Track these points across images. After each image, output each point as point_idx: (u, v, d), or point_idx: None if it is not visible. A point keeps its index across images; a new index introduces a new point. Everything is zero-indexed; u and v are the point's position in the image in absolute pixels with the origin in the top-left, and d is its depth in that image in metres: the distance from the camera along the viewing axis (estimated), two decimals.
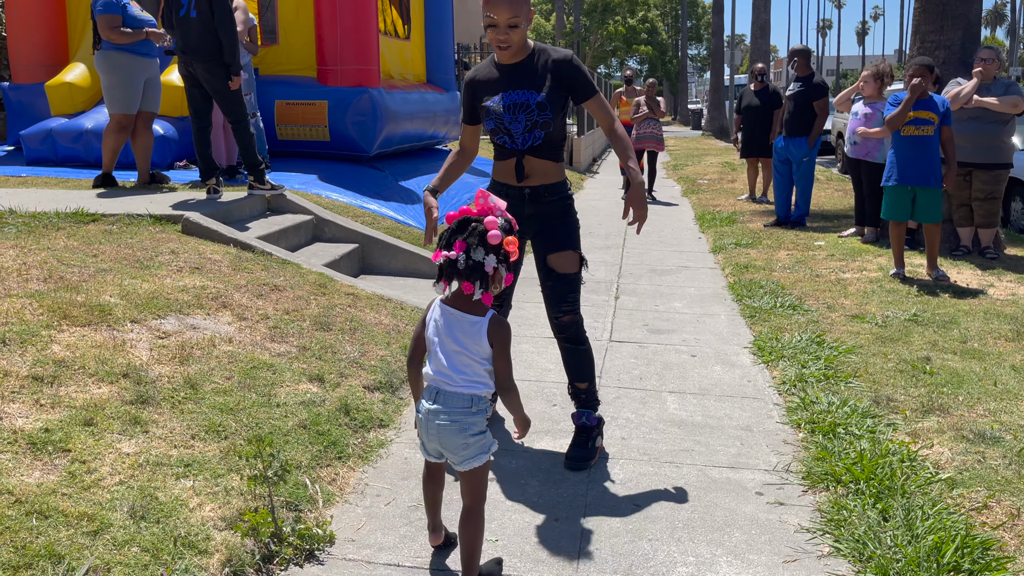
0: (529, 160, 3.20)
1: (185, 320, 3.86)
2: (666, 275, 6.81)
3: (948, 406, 3.70)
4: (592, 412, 3.36)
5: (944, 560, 2.47)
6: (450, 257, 2.29)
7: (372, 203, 7.29)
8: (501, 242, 2.29)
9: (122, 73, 6.40)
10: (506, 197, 3.26)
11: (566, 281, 3.25)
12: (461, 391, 2.34)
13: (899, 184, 6.13)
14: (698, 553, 2.63)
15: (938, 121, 6.03)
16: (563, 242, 3.24)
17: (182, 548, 2.37)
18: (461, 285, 2.31)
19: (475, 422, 2.34)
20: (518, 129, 3.15)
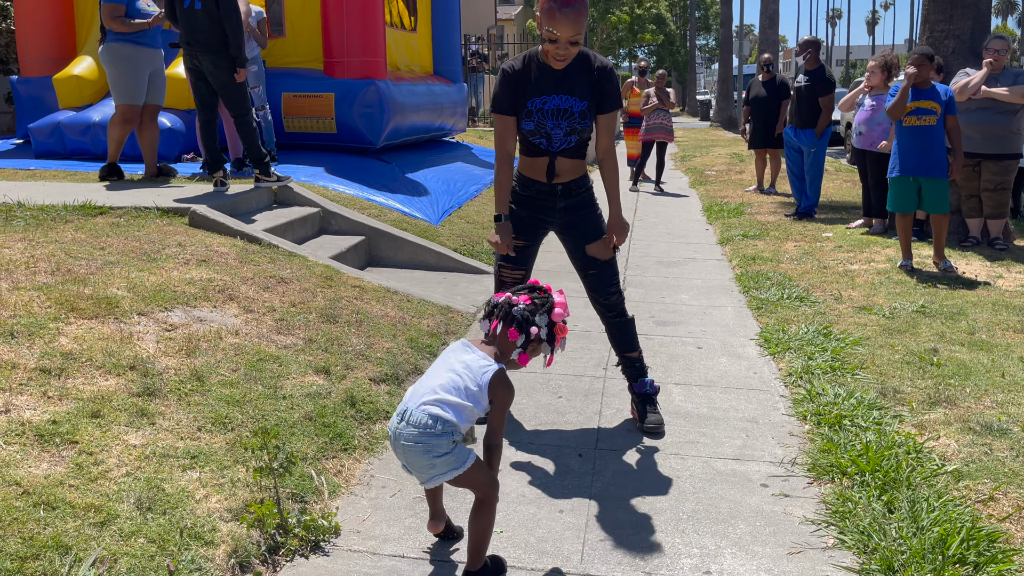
0: (561, 161, 3.31)
1: (192, 312, 3.88)
2: (673, 267, 6.80)
3: (955, 398, 3.68)
4: (651, 380, 3.57)
5: (949, 552, 2.47)
6: (512, 302, 2.46)
7: (379, 195, 7.29)
8: (557, 325, 2.49)
9: (127, 64, 6.41)
10: (536, 192, 3.36)
11: (608, 266, 3.45)
12: (428, 409, 2.29)
13: (902, 175, 6.08)
14: (703, 545, 2.63)
15: (941, 110, 5.97)
16: (597, 231, 3.41)
17: (188, 539, 2.39)
18: (507, 331, 2.45)
19: (440, 444, 2.28)
20: (559, 135, 3.24)
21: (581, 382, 4.10)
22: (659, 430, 3.47)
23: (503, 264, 3.44)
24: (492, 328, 2.49)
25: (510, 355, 2.47)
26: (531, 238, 3.42)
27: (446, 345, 4.55)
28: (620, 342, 3.54)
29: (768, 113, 10.59)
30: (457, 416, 2.32)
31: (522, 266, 3.44)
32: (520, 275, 3.44)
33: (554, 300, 2.52)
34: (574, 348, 4.63)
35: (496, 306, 2.51)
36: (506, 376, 2.42)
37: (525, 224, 3.41)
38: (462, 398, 2.33)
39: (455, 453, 2.31)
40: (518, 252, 3.42)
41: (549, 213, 3.40)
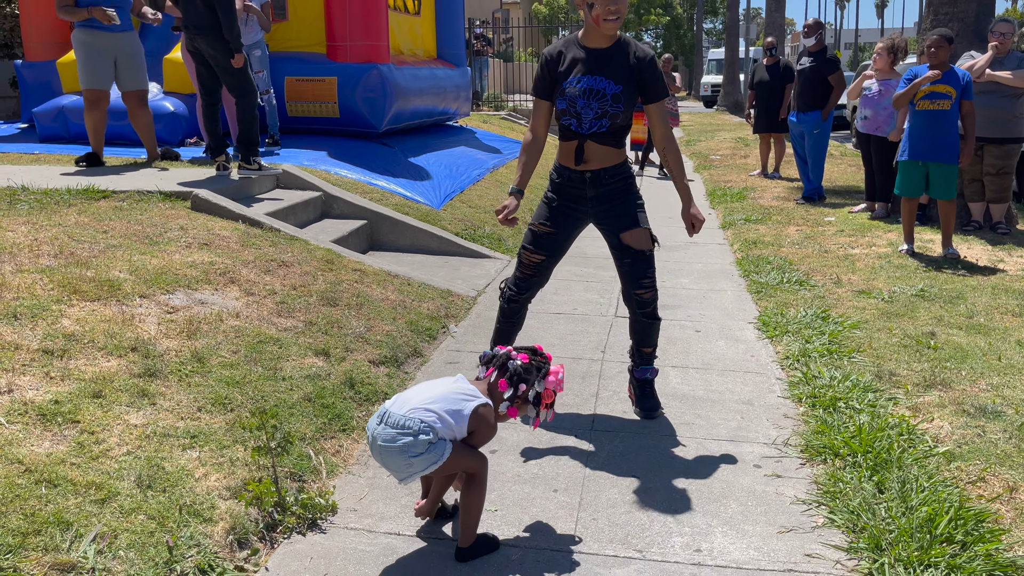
0: (590, 145, 3.26)
1: (193, 295, 3.91)
2: (674, 251, 6.81)
3: (951, 380, 3.70)
4: (653, 368, 3.58)
5: (937, 531, 2.50)
6: (511, 356, 2.56)
7: (381, 180, 7.31)
8: (546, 390, 2.57)
9: (84, 50, 6.36)
10: (568, 180, 3.34)
11: (643, 258, 3.35)
12: (410, 415, 2.34)
13: (911, 159, 6.07)
14: (694, 524, 2.67)
15: (956, 95, 5.93)
16: (634, 220, 3.33)
17: (187, 516, 2.44)
18: (499, 380, 2.53)
19: (416, 444, 2.31)
20: (588, 115, 3.20)
21: (579, 365, 4.13)
22: (652, 414, 3.50)
23: (525, 245, 3.43)
24: (487, 375, 2.58)
25: (498, 406, 2.53)
26: (559, 226, 3.37)
27: (445, 329, 4.59)
28: (640, 337, 3.51)
29: (772, 97, 10.55)
30: (439, 422, 2.35)
31: (543, 251, 3.39)
32: (539, 259, 3.40)
33: (550, 368, 2.59)
34: (572, 331, 4.66)
35: (496, 356, 2.59)
36: (491, 413, 2.47)
37: (555, 212, 3.38)
38: (446, 414, 2.37)
39: (431, 451, 2.33)
40: (542, 237, 3.39)
41: (581, 202, 3.34)
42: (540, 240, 3.39)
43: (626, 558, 2.47)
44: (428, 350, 4.29)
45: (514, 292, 3.50)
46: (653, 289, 3.39)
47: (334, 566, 2.41)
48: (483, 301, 5.21)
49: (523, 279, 3.47)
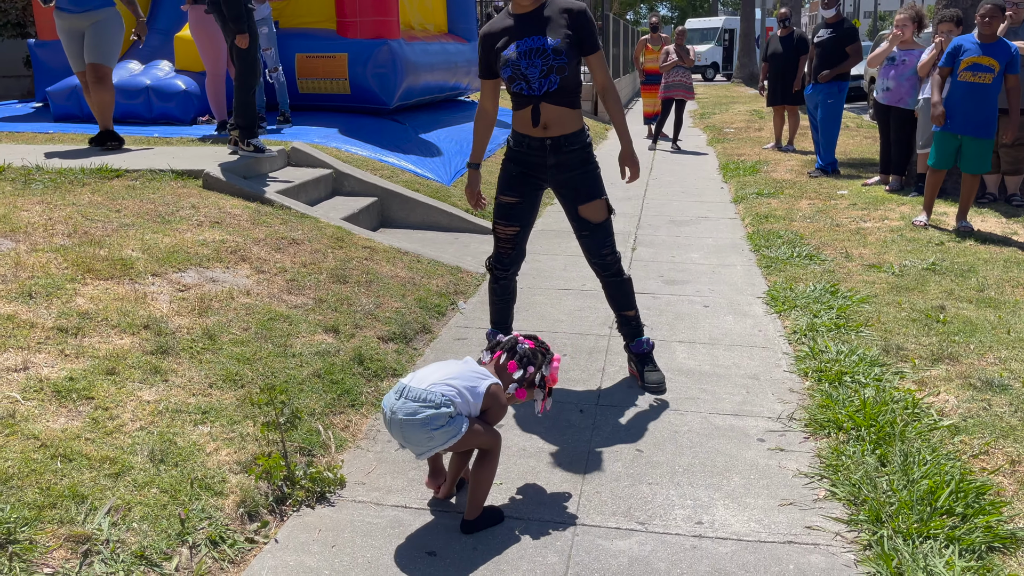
0: (545, 107, 3.26)
1: (204, 273, 3.97)
2: (685, 226, 6.80)
3: (958, 354, 3.70)
4: (647, 339, 3.62)
5: (937, 504, 2.52)
6: (519, 340, 2.63)
7: (391, 156, 7.33)
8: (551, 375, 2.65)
9: (59, 34, 6.29)
10: (528, 148, 3.36)
11: (601, 229, 3.43)
12: (431, 388, 2.38)
13: (948, 131, 5.96)
14: (696, 497, 2.70)
15: (1000, 68, 5.80)
16: (591, 192, 3.37)
17: (199, 490, 2.50)
18: (508, 363, 2.60)
19: (438, 416, 2.35)
20: (534, 74, 3.21)
21: (586, 340, 4.16)
22: (660, 387, 3.52)
23: (497, 220, 3.48)
24: (495, 358, 2.63)
25: (507, 387, 2.59)
26: (522, 195, 3.42)
27: (454, 305, 4.62)
28: (616, 300, 3.57)
29: (786, 69, 10.43)
30: (459, 397, 2.40)
31: (514, 222, 3.44)
32: (513, 231, 3.45)
33: (554, 355, 2.69)
34: (580, 307, 4.68)
35: (501, 342, 2.65)
36: (503, 393, 2.54)
37: (516, 181, 3.41)
38: (464, 390, 2.43)
39: (451, 424, 2.38)
40: (510, 208, 3.43)
41: (541, 170, 3.38)
42: (508, 212, 3.44)
43: (628, 530, 2.51)
44: (437, 327, 4.33)
45: (500, 269, 3.54)
46: (613, 254, 3.48)
47: (342, 538, 2.47)
48: None
49: (504, 254, 3.52)
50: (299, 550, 2.40)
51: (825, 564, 2.34)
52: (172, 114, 7.81)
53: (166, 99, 7.78)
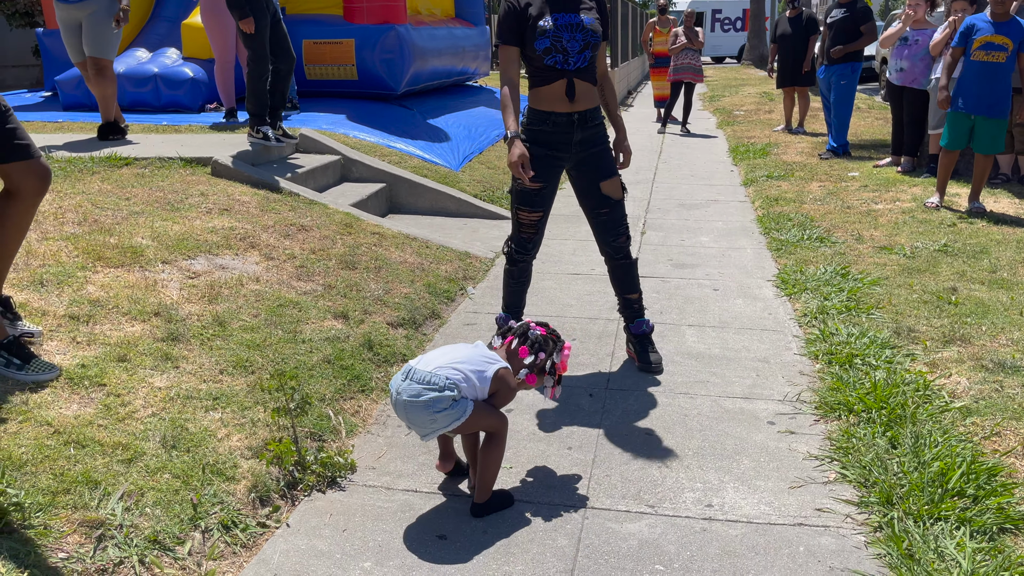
0: (578, 82, 3.28)
1: (214, 260, 3.98)
2: (695, 209, 6.77)
3: (970, 336, 3.68)
4: (647, 321, 3.64)
5: (948, 485, 2.51)
6: (530, 326, 2.64)
7: (400, 142, 7.31)
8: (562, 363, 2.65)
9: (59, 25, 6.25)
10: (553, 126, 3.32)
11: (621, 206, 3.45)
12: (436, 371, 2.39)
13: (961, 111, 5.91)
14: (706, 480, 2.70)
15: (1013, 47, 5.72)
16: (610, 169, 3.41)
17: (211, 475, 2.51)
18: (520, 348, 2.60)
19: (441, 399, 2.36)
20: (575, 48, 3.22)
21: (595, 325, 4.15)
22: (658, 368, 3.54)
23: (520, 207, 3.43)
24: (506, 343, 2.63)
25: (518, 372, 2.59)
26: (546, 179, 3.39)
27: (463, 291, 4.62)
28: (622, 283, 3.57)
29: (795, 50, 10.33)
30: (464, 381, 2.41)
31: (539, 208, 3.43)
32: (537, 217, 3.44)
33: (565, 343, 2.70)
34: (590, 292, 4.67)
35: (513, 328, 2.66)
36: (511, 377, 2.54)
37: (540, 164, 3.36)
38: (471, 374, 2.43)
39: (454, 408, 2.39)
40: (535, 195, 3.40)
41: (564, 148, 3.34)
42: (533, 198, 3.41)
43: (638, 513, 2.52)
44: (446, 312, 4.34)
45: (521, 253, 3.53)
46: (628, 236, 3.50)
47: (353, 521, 2.48)
48: (501, 263, 5.23)
49: (527, 239, 3.51)
50: (310, 534, 2.42)
51: (835, 546, 2.33)
52: (180, 102, 7.81)
53: (174, 87, 7.78)
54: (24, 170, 2.74)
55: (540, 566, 2.26)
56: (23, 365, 2.75)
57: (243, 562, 2.28)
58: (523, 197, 3.42)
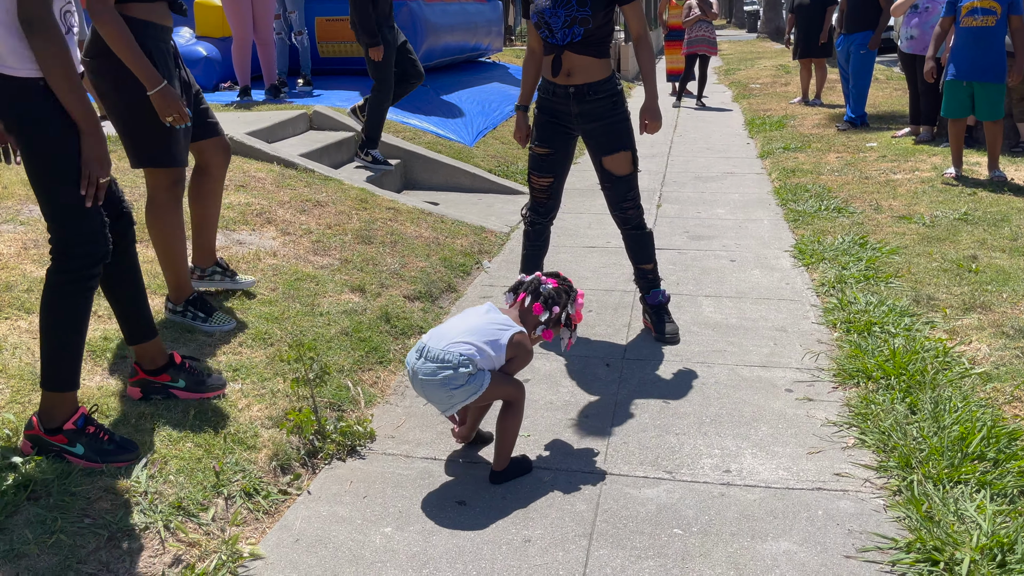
0: (568, 56, 3.24)
1: (232, 235, 4.00)
2: (711, 182, 6.72)
3: (991, 303, 3.65)
4: (663, 291, 3.63)
5: (968, 449, 2.50)
6: (542, 281, 2.62)
7: (413, 118, 7.30)
8: (576, 313, 2.64)
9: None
10: (553, 95, 3.34)
11: (623, 182, 3.39)
12: (448, 347, 2.39)
13: (955, 79, 5.86)
14: (724, 446, 2.71)
15: (1002, 10, 5.66)
16: (615, 143, 3.33)
17: (232, 444, 2.54)
18: (533, 305, 2.58)
19: (456, 376, 2.36)
20: (557, 24, 3.19)
21: (612, 296, 4.15)
22: (675, 338, 3.54)
23: (532, 172, 3.48)
24: (519, 299, 2.61)
25: (533, 329, 2.58)
26: (554, 145, 3.40)
27: (479, 264, 4.63)
28: (636, 254, 3.56)
29: (812, 21, 10.19)
30: (478, 354, 2.40)
31: (548, 173, 3.44)
32: (547, 182, 3.45)
33: (577, 291, 2.68)
34: (606, 264, 4.67)
35: (525, 283, 2.63)
36: (527, 340, 2.53)
37: (546, 130, 3.39)
38: (484, 345, 2.42)
39: (471, 382, 2.39)
40: (542, 159, 3.42)
41: (567, 119, 3.36)
42: (542, 163, 3.43)
43: (656, 479, 2.53)
44: (462, 285, 4.35)
45: (537, 216, 3.54)
46: (636, 207, 3.46)
47: (373, 489, 2.51)
48: (516, 237, 5.23)
49: (540, 203, 3.52)
50: (331, 501, 2.44)
51: (854, 509, 2.34)
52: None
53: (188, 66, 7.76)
54: (214, 146, 3.14)
55: (559, 530, 2.28)
56: (206, 318, 3.13)
57: (266, 528, 2.31)
58: (533, 161, 3.46)
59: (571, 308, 2.62)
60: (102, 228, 2.26)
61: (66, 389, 2.29)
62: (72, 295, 2.24)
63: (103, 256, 2.27)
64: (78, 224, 2.21)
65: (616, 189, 3.40)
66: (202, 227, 3.33)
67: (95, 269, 2.26)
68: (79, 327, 2.27)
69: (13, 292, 3.03)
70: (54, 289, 2.24)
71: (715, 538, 2.23)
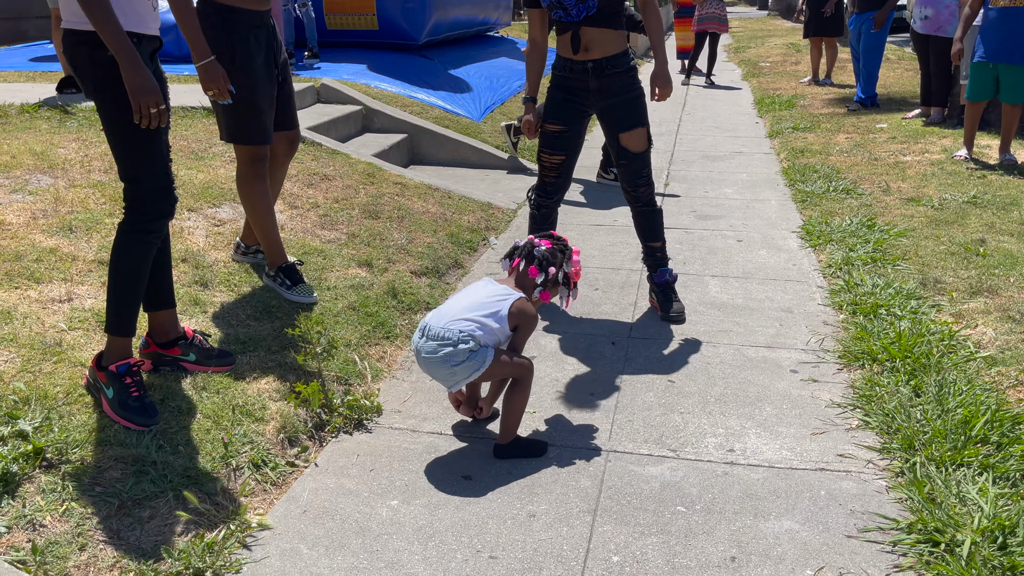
0: (586, 31, 3.23)
1: (238, 208, 4.00)
2: (719, 161, 6.70)
3: (998, 287, 3.64)
4: (670, 269, 3.62)
5: (972, 432, 2.51)
6: (535, 243, 2.62)
7: (421, 92, 7.26)
8: (574, 271, 2.65)
9: None
10: (571, 72, 3.34)
11: (640, 159, 3.40)
12: (449, 325, 2.41)
13: (983, 60, 5.77)
14: (728, 426, 2.72)
15: None
16: (633, 119, 3.34)
17: (240, 416, 2.56)
18: (528, 268, 2.60)
19: (456, 353, 2.39)
20: (571, 2, 3.18)
21: (618, 275, 4.15)
22: (680, 317, 3.54)
23: (543, 149, 3.46)
24: (514, 265, 2.63)
25: (531, 292, 2.59)
26: (567, 122, 3.39)
27: (486, 241, 4.63)
28: (644, 231, 3.56)
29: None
30: (480, 330, 2.42)
31: (560, 151, 3.43)
32: (559, 160, 3.44)
33: (572, 249, 2.68)
34: (612, 242, 4.66)
35: (519, 247, 2.65)
36: (528, 305, 2.54)
37: (560, 107, 3.38)
38: (485, 319, 2.44)
39: (473, 359, 2.41)
40: (555, 137, 3.41)
41: (583, 95, 3.35)
42: (554, 141, 3.42)
43: (660, 456, 2.55)
44: (469, 262, 4.35)
45: (544, 197, 3.52)
46: (648, 186, 3.46)
47: (380, 462, 2.53)
48: (523, 214, 5.23)
49: (549, 183, 3.51)
50: (339, 473, 2.47)
51: (857, 490, 2.35)
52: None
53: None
54: (280, 137, 3.28)
55: (564, 506, 2.30)
56: (291, 286, 3.29)
57: (273, 499, 2.34)
58: (544, 138, 3.44)
59: (567, 267, 2.62)
60: (169, 187, 2.44)
61: (120, 334, 2.46)
62: (136, 245, 2.42)
63: (169, 213, 2.47)
64: (150, 184, 2.39)
65: (632, 166, 3.40)
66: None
67: (159, 223, 2.45)
68: (137, 278, 2.45)
69: (23, 262, 3.05)
70: (119, 239, 2.43)
71: (718, 516, 2.25)
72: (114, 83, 2.27)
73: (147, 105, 2.25)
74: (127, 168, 2.39)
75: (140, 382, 2.45)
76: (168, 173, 2.45)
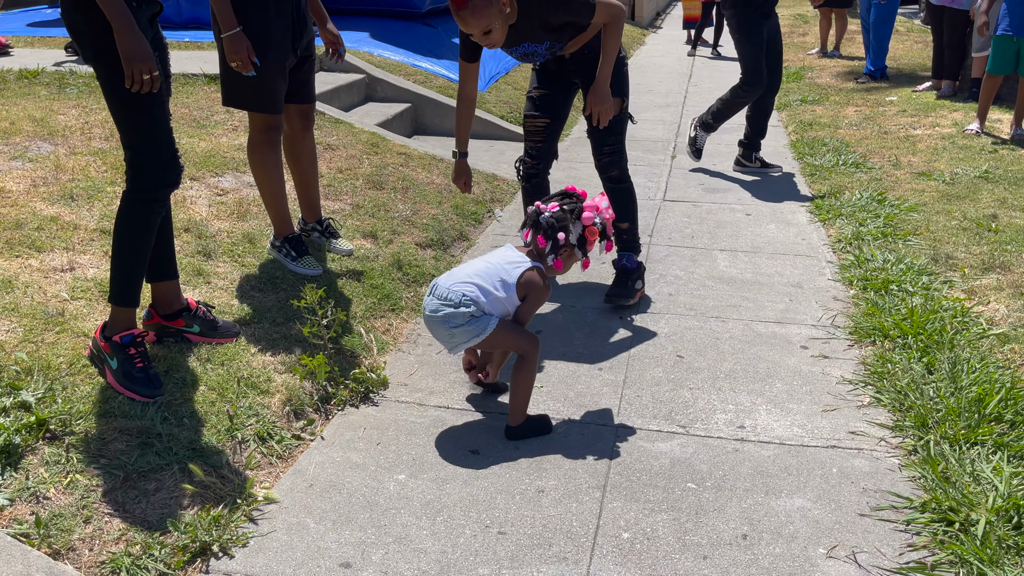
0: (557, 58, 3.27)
1: (241, 178, 3.94)
2: (725, 133, 6.61)
3: (1010, 263, 3.60)
4: (633, 255, 3.45)
5: (986, 411, 2.48)
6: (540, 210, 2.52)
7: (425, 61, 7.16)
8: (586, 228, 2.51)
9: None
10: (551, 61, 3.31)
11: (604, 131, 3.29)
12: (455, 287, 2.38)
13: (1006, 33, 5.67)
14: (738, 402, 2.69)
15: None
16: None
17: (245, 388, 2.53)
18: (536, 239, 2.51)
19: (455, 315, 2.36)
20: (539, 61, 3.22)
21: None
22: (615, 303, 3.37)
23: (527, 113, 3.41)
24: (526, 236, 2.57)
25: (546, 261, 2.53)
26: (552, 87, 3.35)
27: (491, 213, 4.58)
28: (614, 208, 3.31)
29: None
30: (484, 295, 2.38)
31: (544, 114, 3.37)
32: (543, 123, 3.38)
33: (583, 204, 2.54)
34: None
35: (527, 216, 2.58)
36: (540, 276, 2.48)
37: (545, 77, 3.36)
38: (492, 286, 2.40)
39: (473, 324, 2.38)
40: (538, 100, 3.37)
41: (566, 71, 3.33)
42: (539, 104, 3.36)
43: (669, 433, 2.52)
44: (474, 234, 4.30)
45: (530, 163, 3.45)
46: (614, 154, 3.33)
47: (386, 436, 2.51)
48: None
49: (534, 147, 3.44)
50: (345, 447, 2.44)
51: (869, 468, 2.33)
52: (202, 18, 7.65)
53: (196, 3, 7.62)
54: (292, 110, 3.26)
55: (572, 481, 2.28)
56: (296, 258, 3.27)
57: (279, 472, 2.32)
58: (529, 103, 3.41)
59: (576, 227, 2.51)
60: (173, 156, 2.40)
61: (123, 304, 2.43)
62: (139, 215, 2.38)
63: (173, 182, 2.42)
64: (152, 152, 2.35)
65: (595, 134, 3.30)
66: (299, 185, 3.47)
67: (162, 192, 2.41)
68: (142, 249, 2.41)
69: (23, 230, 3.00)
70: (123, 209, 2.39)
71: (729, 493, 2.23)
72: (113, 49, 2.21)
73: (139, 71, 2.19)
74: (128, 135, 2.35)
75: (144, 353, 2.43)
76: (171, 142, 2.40)
